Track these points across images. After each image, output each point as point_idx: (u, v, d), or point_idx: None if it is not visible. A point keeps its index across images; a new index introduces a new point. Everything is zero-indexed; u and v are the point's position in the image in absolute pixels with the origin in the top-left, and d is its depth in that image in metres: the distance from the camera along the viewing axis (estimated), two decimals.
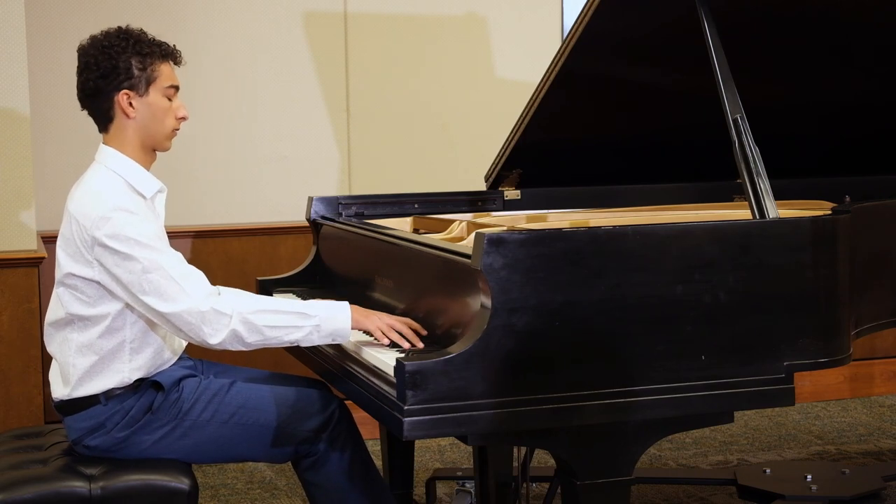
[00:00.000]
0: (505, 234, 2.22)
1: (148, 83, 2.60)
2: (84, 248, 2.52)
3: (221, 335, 2.48)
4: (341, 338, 2.56)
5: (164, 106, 2.62)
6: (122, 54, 2.57)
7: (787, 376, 2.40)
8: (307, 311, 2.53)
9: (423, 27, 4.80)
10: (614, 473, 2.33)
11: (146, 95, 2.60)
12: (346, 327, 2.54)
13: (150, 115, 2.61)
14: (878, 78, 3.44)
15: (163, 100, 2.62)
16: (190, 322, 2.47)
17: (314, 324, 2.52)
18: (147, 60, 2.59)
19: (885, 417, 4.88)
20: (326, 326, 2.53)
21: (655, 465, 4.21)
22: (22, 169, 3.67)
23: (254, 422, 2.65)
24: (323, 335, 2.54)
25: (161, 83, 2.61)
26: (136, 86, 2.59)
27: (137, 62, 2.58)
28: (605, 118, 3.44)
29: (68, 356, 2.60)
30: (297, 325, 2.51)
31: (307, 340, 2.54)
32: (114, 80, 2.58)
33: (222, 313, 2.47)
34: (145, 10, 4.40)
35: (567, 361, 2.24)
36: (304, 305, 2.55)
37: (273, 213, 4.63)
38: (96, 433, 2.60)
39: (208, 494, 3.95)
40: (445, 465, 4.24)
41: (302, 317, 2.52)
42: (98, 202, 2.51)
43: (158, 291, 2.47)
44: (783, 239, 2.44)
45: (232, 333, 2.48)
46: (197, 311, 2.46)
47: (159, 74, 2.61)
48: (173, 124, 2.66)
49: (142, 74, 2.59)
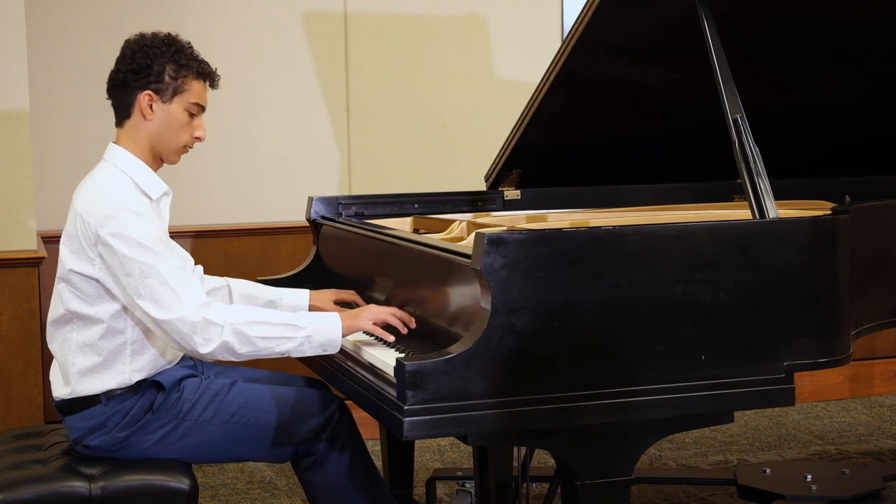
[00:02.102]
0: (505, 234, 2.22)
1: (174, 92, 2.61)
2: (87, 244, 2.53)
3: (213, 345, 2.48)
4: (332, 348, 2.57)
5: (182, 119, 2.63)
6: (160, 57, 2.59)
7: (787, 376, 2.40)
8: (298, 323, 2.54)
9: (423, 27, 4.80)
10: (614, 473, 2.33)
11: (168, 103, 2.61)
12: (337, 337, 2.56)
13: (167, 123, 2.62)
14: (878, 78, 3.43)
15: (183, 113, 2.63)
16: (181, 331, 2.47)
17: (305, 335, 2.53)
18: (181, 71, 2.61)
19: (885, 417, 4.87)
20: (317, 337, 2.54)
21: (655, 465, 4.21)
22: (22, 169, 3.67)
23: (254, 422, 2.65)
24: (314, 346, 2.55)
25: (187, 97, 2.62)
26: (161, 91, 2.60)
27: (171, 69, 2.60)
28: (605, 118, 3.44)
29: (68, 355, 2.61)
30: (288, 337, 2.52)
31: (298, 351, 2.55)
32: (143, 79, 2.59)
33: (214, 323, 2.48)
34: (145, 10, 4.40)
35: (567, 361, 2.24)
36: (295, 317, 2.56)
37: (273, 213, 4.63)
38: (97, 433, 2.60)
39: (208, 494, 3.95)
40: (445, 465, 4.24)
41: (293, 328, 2.53)
42: (104, 200, 2.52)
43: (153, 297, 2.47)
44: (783, 239, 2.44)
45: (223, 344, 2.48)
46: (189, 320, 2.47)
47: (188, 88, 2.62)
48: (187, 140, 2.66)
49: (171, 82, 2.60)
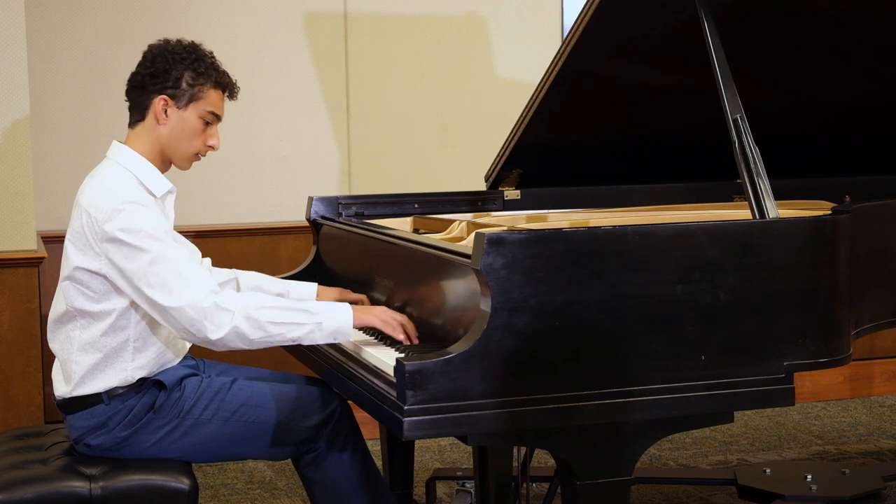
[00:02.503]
0: (505, 234, 2.22)
1: (190, 99, 2.63)
2: (94, 240, 2.53)
3: (223, 331, 2.47)
4: (343, 336, 2.55)
5: (196, 126, 2.65)
6: (180, 64, 2.62)
7: (787, 376, 2.40)
8: (310, 309, 2.52)
9: (423, 27, 4.80)
10: (614, 473, 2.33)
11: (183, 109, 2.63)
12: (348, 325, 2.54)
13: (180, 129, 2.64)
14: (878, 78, 3.43)
15: (198, 121, 2.65)
16: (192, 317, 2.46)
17: (317, 321, 2.51)
18: (199, 79, 2.63)
19: (885, 417, 4.87)
20: (329, 324, 2.52)
21: (655, 465, 4.21)
22: (22, 169, 3.66)
23: (255, 419, 2.66)
24: (325, 333, 2.53)
25: (203, 105, 2.64)
26: (177, 96, 2.62)
27: (189, 76, 2.62)
28: (605, 118, 3.44)
29: (70, 353, 2.61)
30: (300, 322, 2.50)
31: (309, 338, 2.53)
32: (160, 83, 2.62)
33: (225, 309, 2.47)
34: (146, 10, 4.40)
35: (567, 361, 2.24)
36: (307, 304, 2.55)
37: (273, 213, 4.63)
38: (98, 432, 2.60)
39: (208, 494, 3.95)
40: (445, 465, 4.24)
41: (305, 314, 2.51)
42: (110, 195, 2.54)
43: (163, 285, 2.47)
44: (783, 239, 2.43)
45: (234, 330, 2.47)
46: (199, 306, 2.46)
47: (205, 96, 2.64)
48: (199, 147, 2.68)
49: (188, 89, 2.63)
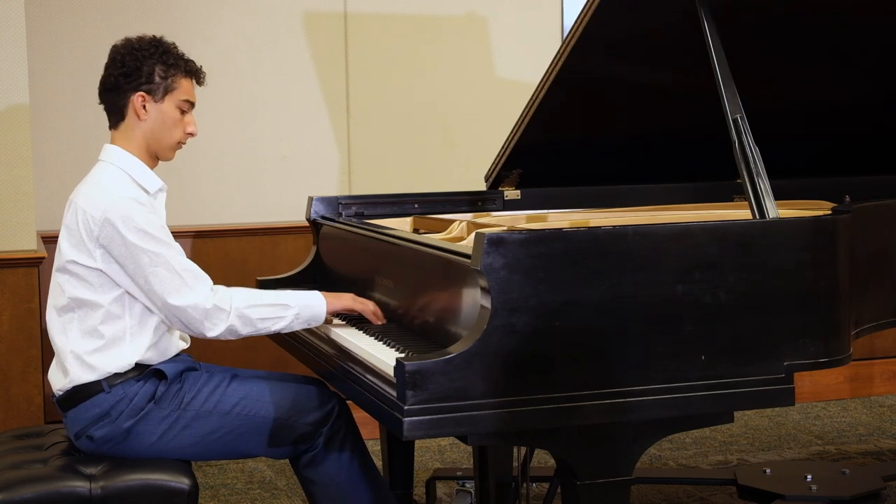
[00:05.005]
0: (505, 234, 2.22)
1: (165, 92, 2.71)
2: (88, 238, 2.58)
3: (220, 329, 2.63)
4: (316, 322, 2.76)
5: (175, 116, 2.73)
6: (149, 59, 2.69)
7: (787, 376, 2.40)
8: (288, 303, 2.71)
9: (423, 27, 4.80)
10: (614, 473, 2.33)
11: (161, 102, 2.71)
12: (321, 313, 2.74)
13: (161, 121, 2.72)
14: (877, 77, 3.43)
15: (175, 111, 2.73)
16: (193, 317, 2.60)
17: (294, 313, 2.71)
18: (170, 71, 2.71)
19: (885, 417, 4.88)
20: (304, 314, 2.72)
21: (655, 465, 4.21)
22: (22, 169, 3.67)
23: (254, 413, 2.70)
24: (301, 321, 2.73)
25: (178, 95, 2.72)
26: (153, 91, 2.70)
27: (161, 70, 2.70)
28: (605, 118, 3.44)
29: (69, 343, 2.64)
30: (281, 316, 2.70)
31: (288, 328, 2.74)
32: (134, 81, 2.69)
33: (222, 310, 2.62)
34: (145, 10, 4.40)
35: (567, 361, 2.24)
36: (285, 297, 2.72)
37: (273, 213, 4.63)
38: (102, 422, 2.62)
39: (208, 494, 3.96)
40: (445, 465, 4.24)
41: (284, 308, 2.70)
42: (106, 195, 2.61)
43: (164, 285, 2.58)
44: (783, 239, 2.44)
45: (229, 328, 2.64)
46: (202, 307, 2.60)
47: (178, 86, 2.72)
48: (180, 136, 2.76)
49: (162, 82, 2.70)
